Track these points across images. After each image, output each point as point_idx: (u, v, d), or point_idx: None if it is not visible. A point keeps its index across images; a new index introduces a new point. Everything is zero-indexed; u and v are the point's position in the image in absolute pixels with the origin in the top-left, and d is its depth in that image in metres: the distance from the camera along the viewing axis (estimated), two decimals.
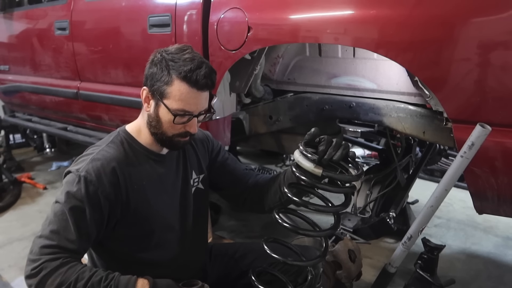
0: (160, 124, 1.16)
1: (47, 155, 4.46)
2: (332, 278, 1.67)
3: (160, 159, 1.24)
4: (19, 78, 3.23)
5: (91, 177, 1.09)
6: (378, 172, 2.31)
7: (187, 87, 1.10)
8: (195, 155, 1.36)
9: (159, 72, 1.12)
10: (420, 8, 1.27)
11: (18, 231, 2.74)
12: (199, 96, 1.13)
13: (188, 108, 1.12)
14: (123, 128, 1.25)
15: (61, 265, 1.03)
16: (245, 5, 1.64)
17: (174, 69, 1.10)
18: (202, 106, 1.16)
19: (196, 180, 1.35)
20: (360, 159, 4.10)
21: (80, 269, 1.04)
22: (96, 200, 1.09)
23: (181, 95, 1.11)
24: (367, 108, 1.71)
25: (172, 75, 1.10)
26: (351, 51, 1.73)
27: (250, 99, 2.03)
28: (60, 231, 1.06)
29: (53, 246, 1.05)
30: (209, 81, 1.13)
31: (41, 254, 1.04)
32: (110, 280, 1.04)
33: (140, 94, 1.19)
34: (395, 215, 1.95)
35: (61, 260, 1.03)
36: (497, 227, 2.66)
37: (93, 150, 1.17)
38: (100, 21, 2.39)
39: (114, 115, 2.42)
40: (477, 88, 1.22)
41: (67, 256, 1.05)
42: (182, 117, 1.13)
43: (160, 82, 1.12)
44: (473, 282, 2.08)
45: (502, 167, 1.28)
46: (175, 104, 1.11)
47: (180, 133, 1.17)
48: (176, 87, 1.10)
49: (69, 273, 1.02)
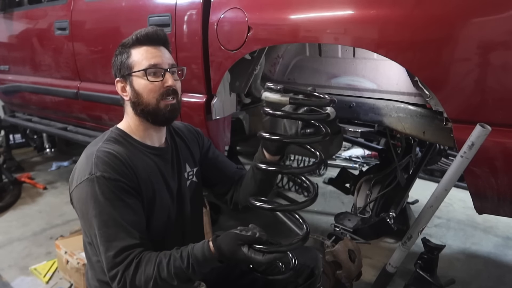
0: (140, 96, 1.18)
1: (47, 155, 4.46)
2: (332, 278, 1.67)
3: (156, 153, 1.25)
4: (19, 78, 3.23)
5: (107, 174, 1.08)
6: (378, 172, 2.31)
7: (143, 47, 1.18)
8: (187, 149, 1.37)
9: (119, 58, 1.21)
10: (420, 8, 1.27)
11: (18, 231, 2.74)
12: (158, 50, 1.19)
13: (154, 61, 1.17)
14: (114, 127, 1.27)
15: (137, 266, 1.03)
16: (245, 5, 1.64)
17: (127, 44, 1.20)
18: (167, 59, 1.21)
19: (191, 174, 1.36)
20: (360, 159, 4.10)
21: (155, 260, 1.04)
22: (123, 189, 1.09)
23: (142, 55, 1.17)
24: (367, 108, 1.71)
25: (128, 50, 1.19)
26: (351, 51, 1.73)
27: (250, 99, 2.03)
28: (117, 235, 1.06)
29: (119, 252, 1.04)
30: (160, 33, 1.20)
31: (116, 266, 1.04)
32: (187, 258, 1.04)
33: (117, 90, 1.24)
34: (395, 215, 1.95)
35: (135, 261, 1.04)
36: (497, 227, 2.66)
37: (91, 151, 1.16)
38: (100, 21, 2.38)
39: (114, 115, 2.42)
40: (477, 88, 1.22)
41: (137, 253, 1.05)
42: (155, 76, 1.17)
43: (123, 62, 1.20)
44: (473, 282, 2.08)
45: (502, 167, 1.27)
46: (142, 65, 1.18)
47: (162, 93, 1.18)
48: (135, 53, 1.18)
49: (148, 268, 1.03)
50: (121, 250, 1.04)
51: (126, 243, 1.05)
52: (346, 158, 4.20)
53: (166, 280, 1.03)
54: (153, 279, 1.02)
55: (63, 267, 2.17)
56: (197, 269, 1.03)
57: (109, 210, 1.06)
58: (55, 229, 2.73)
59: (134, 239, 1.06)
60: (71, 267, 2.08)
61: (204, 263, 1.04)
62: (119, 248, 1.04)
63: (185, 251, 1.06)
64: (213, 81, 1.81)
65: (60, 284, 2.17)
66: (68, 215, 2.87)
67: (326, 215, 2.86)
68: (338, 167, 3.38)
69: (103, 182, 1.07)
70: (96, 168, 1.09)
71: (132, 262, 1.04)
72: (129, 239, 1.06)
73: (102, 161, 1.10)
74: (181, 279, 1.04)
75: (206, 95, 1.86)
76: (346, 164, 3.96)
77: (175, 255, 1.05)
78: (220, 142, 1.97)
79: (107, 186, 1.07)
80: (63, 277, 2.20)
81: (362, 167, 3.91)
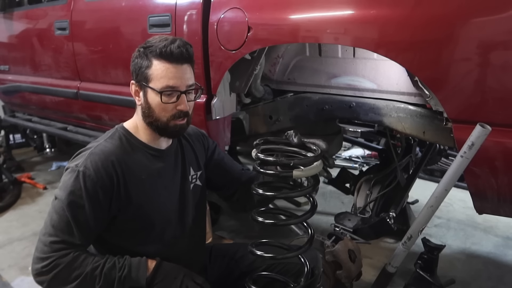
0: (151, 110, 1.17)
1: (47, 155, 4.46)
2: (332, 278, 1.67)
3: (158, 154, 1.25)
4: (19, 78, 3.23)
5: (89, 172, 1.10)
6: (378, 172, 2.31)
7: (165, 63, 1.14)
8: (193, 152, 1.37)
9: (140, 62, 1.17)
10: (420, 8, 1.27)
11: (18, 231, 2.74)
12: (179, 69, 1.16)
13: (172, 83, 1.14)
14: (121, 125, 1.27)
15: (73, 260, 1.06)
16: (245, 5, 1.64)
17: (151, 52, 1.15)
18: (186, 80, 1.17)
19: (194, 177, 1.36)
20: (360, 159, 4.10)
21: (93, 259, 1.08)
22: (95, 194, 1.10)
23: (162, 72, 1.14)
24: (367, 108, 1.71)
25: (150, 58, 1.15)
26: (351, 51, 1.73)
27: (250, 99, 2.03)
28: (64, 228, 1.08)
29: (60, 242, 1.07)
30: (185, 51, 1.16)
31: (51, 252, 1.06)
32: (123, 263, 1.10)
33: (130, 90, 1.22)
34: (395, 215, 1.95)
35: (72, 254, 1.06)
36: (497, 227, 2.66)
37: (92, 145, 1.18)
38: (100, 21, 2.38)
39: (114, 115, 2.42)
40: (477, 88, 1.22)
41: (76, 250, 1.08)
42: (170, 96, 1.15)
43: (142, 69, 1.16)
44: (473, 282, 2.08)
45: (502, 167, 1.27)
46: (159, 83, 1.14)
47: (173, 114, 1.18)
48: (155, 67, 1.15)
49: (84, 265, 1.07)
50: (61, 242, 1.07)
51: (69, 240, 1.08)
52: (346, 158, 4.20)
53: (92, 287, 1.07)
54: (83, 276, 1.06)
55: None
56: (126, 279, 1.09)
57: (73, 205, 1.09)
58: None
59: (78, 240, 1.09)
60: None
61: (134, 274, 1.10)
62: (61, 239, 1.07)
63: (123, 257, 1.13)
64: (213, 81, 1.81)
65: None
66: None
67: (326, 215, 2.86)
68: (338, 167, 3.38)
69: (81, 178, 1.09)
70: (84, 162, 1.11)
71: (69, 255, 1.07)
72: (74, 239, 1.09)
73: (92, 159, 1.12)
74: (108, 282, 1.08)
75: (206, 95, 1.86)
76: (346, 164, 3.96)
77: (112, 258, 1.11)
78: (220, 142, 1.97)
79: (82, 183, 1.09)
80: None
81: (362, 167, 3.91)
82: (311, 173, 1.13)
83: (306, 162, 1.13)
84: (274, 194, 1.23)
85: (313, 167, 1.12)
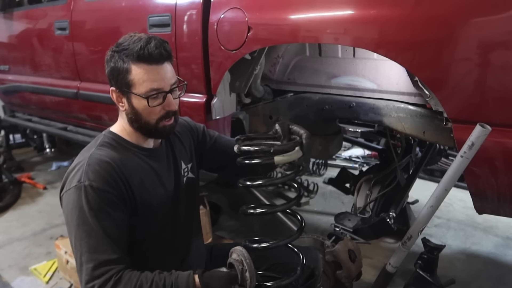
0: (139, 115, 1.15)
1: (47, 155, 4.47)
2: (332, 278, 1.66)
3: (150, 154, 1.24)
4: (19, 78, 3.23)
5: (95, 183, 1.06)
6: (378, 172, 2.31)
7: (145, 65, 1.09)
8: (182, 145, 1.36)
9: (116, 66, 1.12)
10: (420, 8, 1.27)
11: (18, 231, 2.74)
12: (161, 69, 1.12)
13: (156, 85, 1.11)
14: (107, 130, 1.25)
15: (115, 284, 1.00)
16: (245, 5, 1.64)
17: (126, 56, 1.10)
18: (169, 79, 1.14)
19: (186, 170, 1.35)
20: (360, 159, 4.11)
21: (136, 282, 1.02)
22: (110, 201, 1.07)
23: (143, 76, 1.10)
24: (367, 108, 1.71)
25: (128, 63, 1.10)
26: (351, 51, 1.73)
27: (250, 99, 2.03)
28: (97, 247, 1.03)
29: (99, 265, 1.02)
30: (163, 50, 1.11)
31: (94, 279, 1.01)
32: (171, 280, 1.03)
33: (111, 97, 1.18)
34: (395, 215, 1.95)
35: (114, 277, 1.01)
36: (497, 227, 2.66)
37: (83, 157, 1.14)
38: (100, 21, 2.38)
39: (114, 115, 2.40)
40: (477, 88, 1.22)
41: (118, 270, 1.02)
42: (156, 99, 1.12)
43: (121, 76, 1.12)
44: (473, 282, 2.08)
45: (502, 167, 1.27)
46: (143, 87, 1.11)
47: (162, 115, 1.16)
48: (135, 71, 1.10)
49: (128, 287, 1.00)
50: (100, 263, 1.02)
51: (106, 257, 1.02)
52: (346, 158, 4.20)
53: None
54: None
55: (63, 267, 2.17)
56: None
57: (93, 221, 1.04)
58: (55, 229, 2.73)
59: (114, 254, 1.04)
60: (71, 267, 2.08)
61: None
62: (99, 261, 1.02)
63: (168, 279, 1.04)
64: (213, 81, 1.81)
65: (60, 284, 2.17)
66: None
67: (326, 215, 2.86)
68: (338, 167, 3.39)
69: (90, 192, 1.05)
70: (85, 176, 1.07)
71: (111, 279, 1.00)
72: (110, 253, 1.03)
73: (93, 170, 1.08)
74: None
75: (206, 95, 1.86)
76: (346, 164, 3.96)
77: (157, 282, 1.03)
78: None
79: (94, 196, 1.05)
80: (63, 277, 2.20)
81: (362, 167, 3.91)
82: (292, 158, 1.12)
83: (286, 148, 1.12)
84: (261, 183, 1.21)
85: (294, 152, 1.12)
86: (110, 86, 1.17)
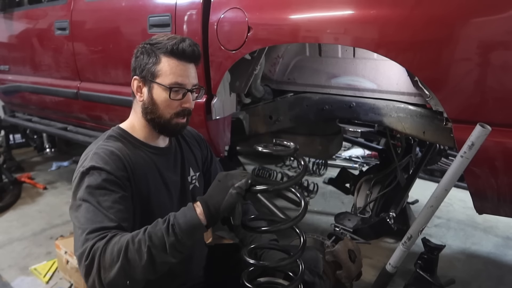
0: (156, 106, 1.17)
1: (47, 155, 4.47)
2: (332, 278, 1.66)
3: (158, 152, 1.25)
4: (19, 78, 3.23)
5: (100, 165, 1.07)
6: (378, 172, 2.31)
7: (175, 60, 1.15)
8: (192, 153, 1.37)
9: (145, 57, 1.17)
10: (420, 8, 1.27)
11: (18, 231, 2.74)
12: (188, 68, 1.18)
13: (181, 80, 1.16)
14: (117, 126, 1.26)
15: (110, 238, 0.97)
16: (245, 5, 1.64)
17: (159, 48, 1.15)
18: (192, 79, 1.19)
19: (194, 178, 1.35)
20: (360, 159, 4.11)
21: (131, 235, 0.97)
22: (112, 181, 1.07)
23: (171, 69, 1.15)
24: (367, 108, 1.71)
25: (159, 55, 1.15)
26: (351, 51, 1.73)
27: (250, 99, 2.03)
28: (92, 218, 1.01)
29: (94, 230, 0.99)
30: (195, 50, 1.17)
31: (86, 241, 0.98)
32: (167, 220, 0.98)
33: (131, 86, 1.21)
34: (395, 215, 1.95)
35: (109, 235, 0.97)
36: (497, 227, 2.66)
37: (91, 148, 1.17)
38: (100, 21, 2.38)
39: (114, 115, 2.42)
40: (477, 88, 1.22)
41: (112, 232, 0.99)
42: (177, 93, 1.16)
43: (148, 65, 1.16)
44: (473, 282, 2.08)
45: (502, 167, 1.28)
46: (168, 79, 1.15)
47: (177, 112, 1.18)
48: (165, 63, 1.15)
49: (123, 239, 0.95)
50: (95, 229, 0.99)
51: (103, 225, 1.00)
52: (346, 158, 4.20)
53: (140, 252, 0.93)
54: (125, 245, 0.94)
55: (63, 267, 2.17)
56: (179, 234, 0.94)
57: (94, 194, 1.04)
58: (55, 229, 2.73)
59: (112, 222, 1.01)
60: (71, 267, 2.08)
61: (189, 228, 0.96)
62: (94, 228, 0.99)
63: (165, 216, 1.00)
64: (213, 81, 1.81)
65: (60, 284, 2.17)
66: (68, 215, 2.83)
67: (326, 215, 2.86)
68: (338, 167, 3.39)
69: (92, 172, 1.07)
70: (90, 161, 1.09)
71: (106, 237, 0.97)
72: (108, 222, 1.00)
73: (99, 156, 1.10)
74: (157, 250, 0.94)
75: (206, 95, 1.86)
76: (346, 164, 3.96)
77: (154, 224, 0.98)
78: (220, 142, 1.97)
79: (96, 176, 1.06)
80: (63, 277, 2.19)
81: (362, 167, 3.91)
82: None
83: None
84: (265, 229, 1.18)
85: None
86: (132, 76, 1.21)
